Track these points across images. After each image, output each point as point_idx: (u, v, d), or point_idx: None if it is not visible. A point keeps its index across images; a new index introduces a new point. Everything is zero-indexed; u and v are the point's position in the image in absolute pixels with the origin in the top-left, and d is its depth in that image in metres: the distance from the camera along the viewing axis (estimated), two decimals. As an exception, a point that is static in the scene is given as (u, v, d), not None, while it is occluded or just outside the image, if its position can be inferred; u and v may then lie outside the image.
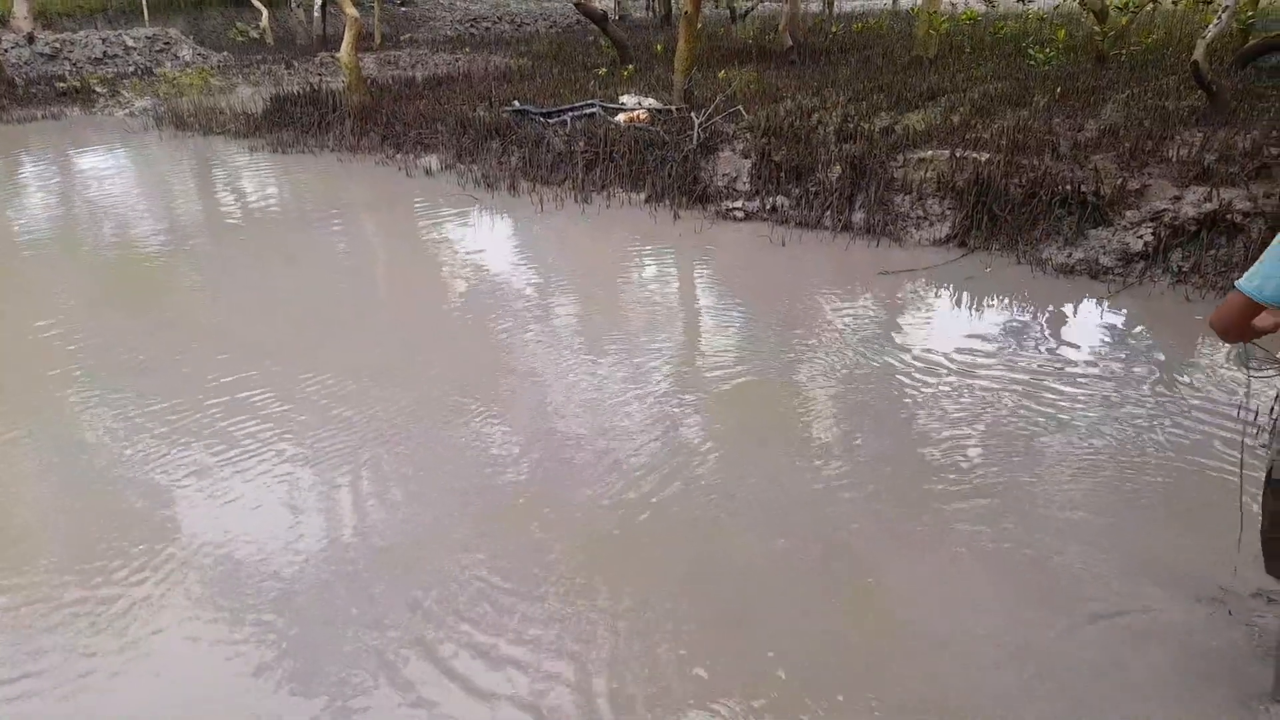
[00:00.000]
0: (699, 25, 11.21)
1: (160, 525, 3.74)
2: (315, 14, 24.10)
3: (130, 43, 18.68)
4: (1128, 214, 6.73)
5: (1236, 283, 2.25)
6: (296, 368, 5.21)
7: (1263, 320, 2.39)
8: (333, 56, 17.07)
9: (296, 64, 18.01)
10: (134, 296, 6.65)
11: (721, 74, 12.28)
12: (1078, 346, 5.39)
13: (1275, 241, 2.20)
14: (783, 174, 8.27)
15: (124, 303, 6.51)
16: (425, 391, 4.88)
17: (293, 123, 12.41)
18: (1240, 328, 2.35)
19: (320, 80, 15.06)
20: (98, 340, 5.68)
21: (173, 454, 4.28)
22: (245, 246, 7.95)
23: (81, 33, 18.93)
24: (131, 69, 17.76)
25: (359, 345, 5.59)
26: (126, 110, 14.87)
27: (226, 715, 2.81)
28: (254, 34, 23.06)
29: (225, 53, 20.31)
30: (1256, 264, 2.22)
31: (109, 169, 11.32)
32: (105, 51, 18.15)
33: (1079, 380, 4.92)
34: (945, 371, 5.06)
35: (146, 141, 12.79)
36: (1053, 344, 5.44)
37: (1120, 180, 6.87)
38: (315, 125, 12.19)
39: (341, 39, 12.75)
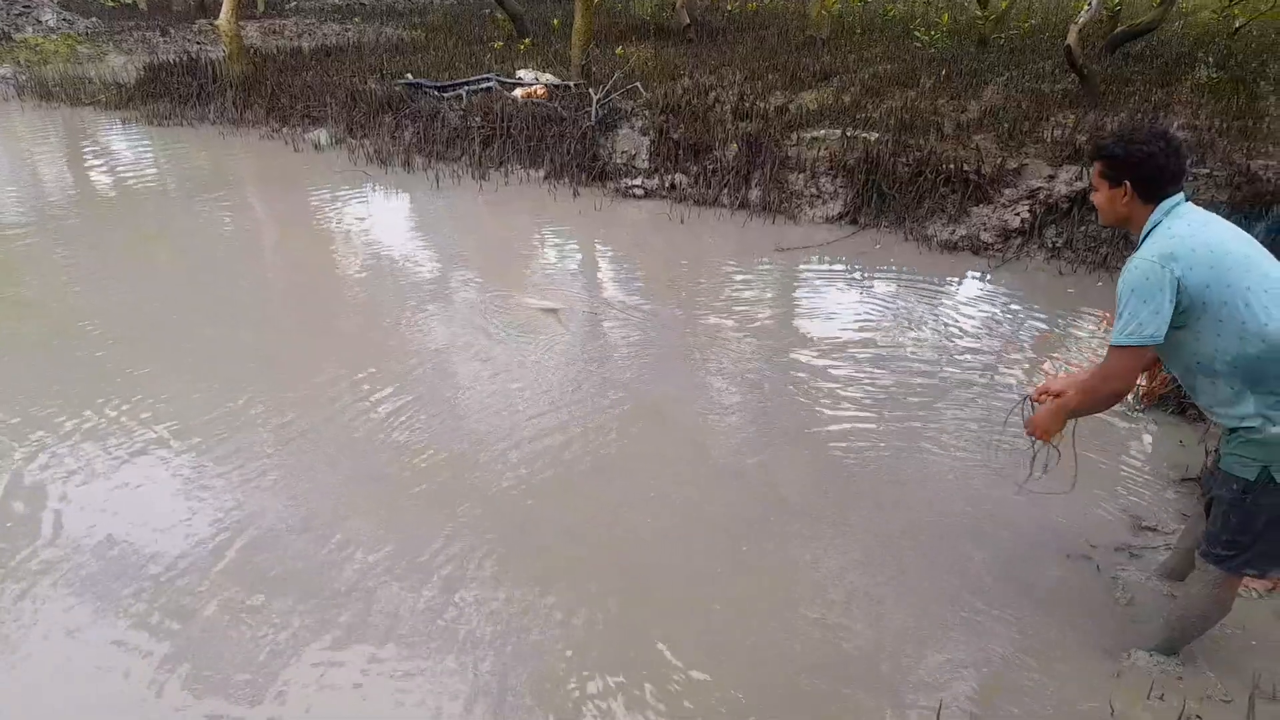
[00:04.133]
0: (596, 0, 11.13)
1: (42, 528, 3.54)
2: (192, -22, 22.81)
3: (-15, 5, 17.33)
4: (1006, 192, 7.04)
5: (1131, 341, 2.37)
6: (176, 354, 4.99)
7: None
8: (212, 24, 16.24)
9: (173, 31, 17.05)
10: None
11: (619, 50, 12.23)
12: (961, 318, 5.64)
13: (1131, 293, 2.37)
14: (681, 152, 8.33)
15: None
16: (317, 376, 4.75)
17: (169, 94, 11.76)
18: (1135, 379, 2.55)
19: (199, 49, 14.33)
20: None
21: (52, 454, 4.05)
22: (118, 224, 7.52)
23: (-72, -8, 17.45)
24: (-13, 33, 16.49)
25: (244, 329, 5.38)
26: (-18, 78, 13.82)
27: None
28: (125, -1, 21.69)
29: (94, 18, 19.03)
30: (1132, 320, 2.37)
31: (-36, 141, 10.52)
32: (-44, 13, 16.79)
33: (961, 350, 5.15)
34: (840, 346, 5.21)
35: (7, 112, 11.93)
36: (937, 316, 5.66)
37: (1000, 160, 7.18)
38: (194, 96, 11.58)
39: (220, 5, 12.14)
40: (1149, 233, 2.49)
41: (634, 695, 2.78)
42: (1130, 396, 4.50)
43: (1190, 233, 2.37)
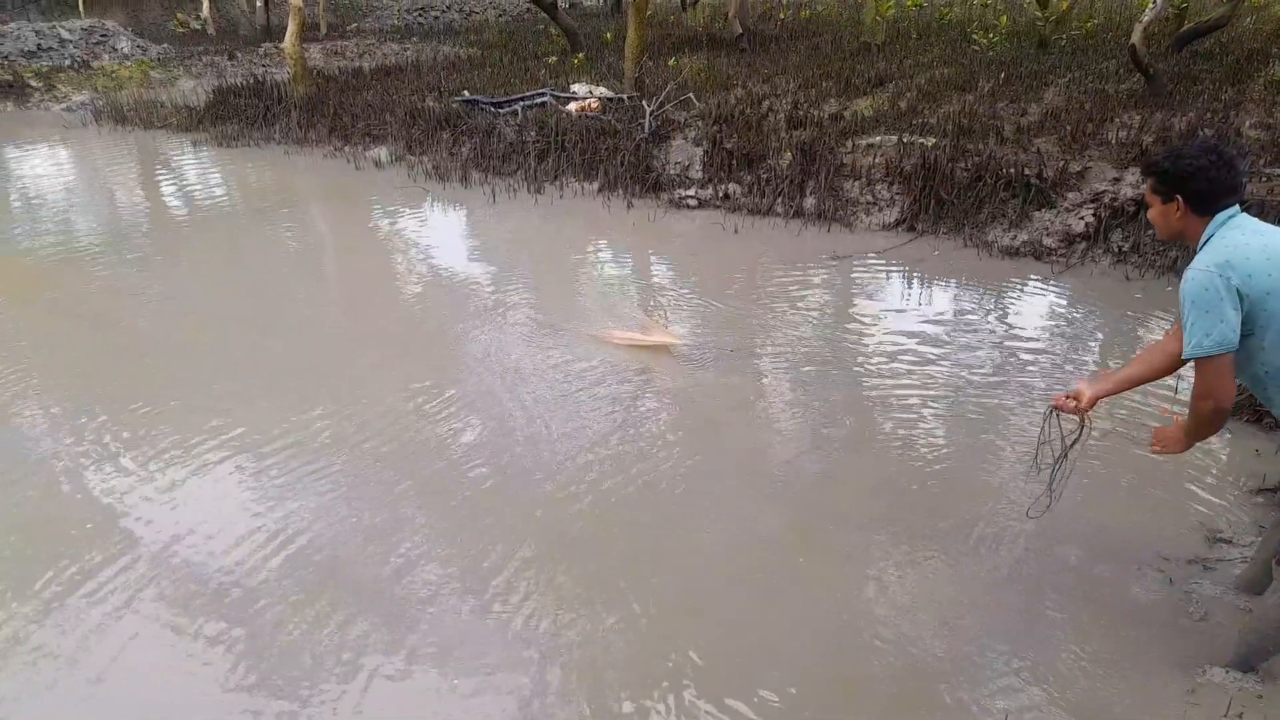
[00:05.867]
0: (649, 12, 11.20)
1: (113, 536, 3.67)
2: (258, 4, 23.58)
3: (65, 35, 18.11)
4: (1069, 196, 6.89)
5: (1201, 352, 2.33)
6: (243, 367, 5.14)
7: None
8: (277, 47, 16.76)
9: (240, 55, 17.62)
10: (72, 296, 6.46)
11: (672, 62, 12.28)
12: (1024, 326, 5.52)
13: (1191, 305, 2.33)
14: (735, 161, 8.32)
15: (60, 304, 6.33)
16: (380, 391, 4.83)
17: (237, 115, 12.16)
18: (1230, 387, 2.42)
19: (264, 72, 14.78)
20: (32, 343, 5.54)
21: (121, 466, 4.19)
22: (191, 244, 7.79)
23: (13, 24, 18.28)
24: (67, 62, 17.22)
25: (310, 344, 5.53)
26: (63, 105, 14.46)
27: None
28: (195, 25, 22.50)
29: (165, 44, 19.78)
30: (1197, 331, 2.32)
31: (47, 165, 11.00)
32: (39, 44, 17.57)
33: (1024, 358, 5.04)
34: (898, 354, 5.14)
35: (85, 136, 12.45)
36: (1000, 324, 5.55)
37: (1062, 163, 7.03)
38: (260, 118, 11.96)
39: (285, 30, 12.51)
40: (1205, 244, 2.44)
41: (690, 710, 2.77)
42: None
43: (1247, 241, 2.33)
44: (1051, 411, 3.05)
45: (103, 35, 18.66)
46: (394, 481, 3.97)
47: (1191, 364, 2.44)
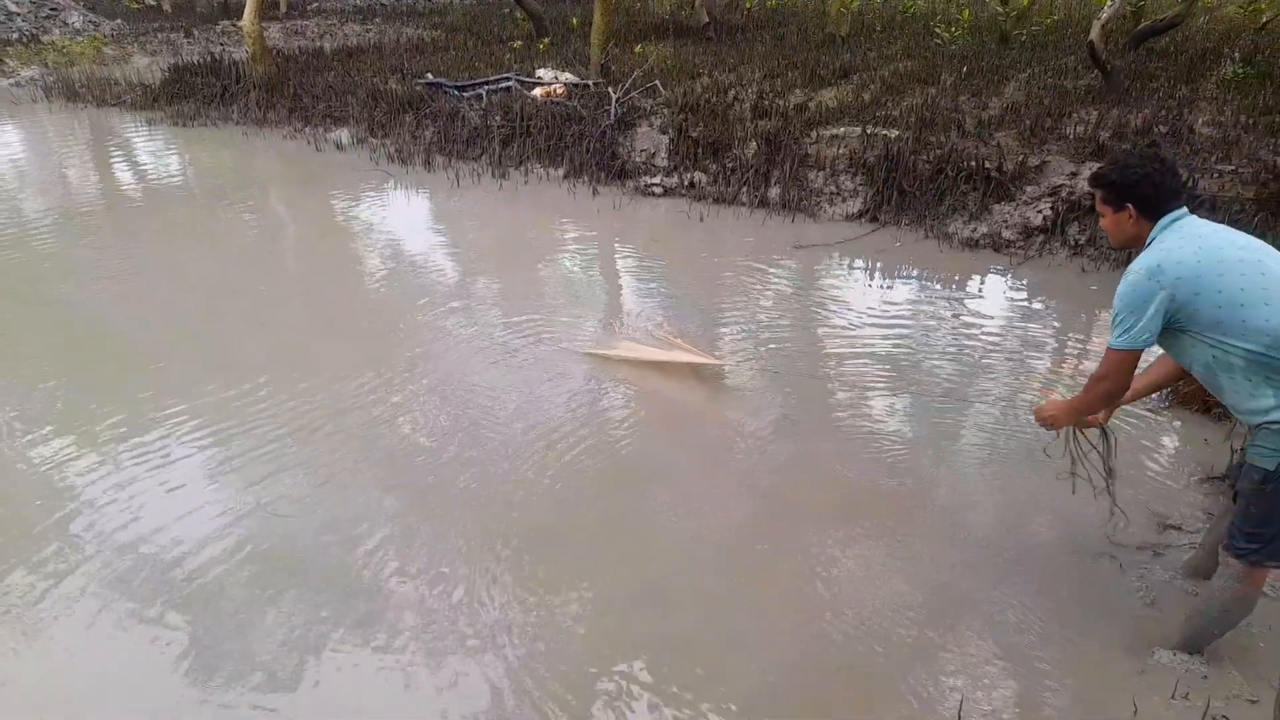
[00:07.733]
0: (615, -1, 11.13)
1: (60, 520, 3.59)
2: (215, -20, 23.03)
3: (13, 7, 17.57)
4: (1028, 189, 7.00)
5: (1115, 345, 2.53)
6: (199, 352, 5.05)
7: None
8: (235, 25, 16.41)
9: (196, 32, 17.23)
10: (22, 278, 6.30)
11: (638, 49, 12.24)
12: (984, 317, 5.61)
13: (1120, 303, 2.51)
14: (700, 150, 8.33)
15: (10, 285, 6.17)
16: (341, 378, 4.76)
17: (194, 94, 11.90)
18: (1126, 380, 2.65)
19: (222, 50, 14.46)
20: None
21: (54, 444, 4.11)
22: (145, 226, 7.61)
23: (-43, -4, 17.69)
24: (15, 35, 16.72)
25: (269, 330, 5.44)
26: (11, 80, 14.02)
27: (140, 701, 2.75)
28: (150, 1, 21.93)
29: (119, 20, 19.27)
30: (1119, 327, 2.51)
31: (-7, 142, 10.68)
32: (-15, 16, 17.03)
33: (983, 348, 5.13)
34: (860, 345, 5.20)
35: (35, 113, 12.11)
36: (960, 316, 5.64)
37: (1022, 157, 7.14)
38: (218, 97, 11.71)
39: (243, 7, 12.26)
40: (1147, 246, 2.59)
41: (648, 697, 2.79)
42: (1155, 396, 4.47)
43: (1180, 244, 2.47)
44: (1071, 431, 3.18)
45: (53, 9, 18.14)
46: (356, 469, 3.93)
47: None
